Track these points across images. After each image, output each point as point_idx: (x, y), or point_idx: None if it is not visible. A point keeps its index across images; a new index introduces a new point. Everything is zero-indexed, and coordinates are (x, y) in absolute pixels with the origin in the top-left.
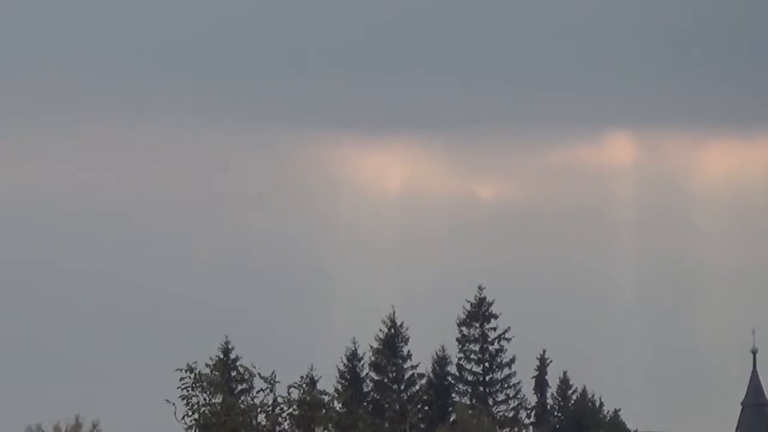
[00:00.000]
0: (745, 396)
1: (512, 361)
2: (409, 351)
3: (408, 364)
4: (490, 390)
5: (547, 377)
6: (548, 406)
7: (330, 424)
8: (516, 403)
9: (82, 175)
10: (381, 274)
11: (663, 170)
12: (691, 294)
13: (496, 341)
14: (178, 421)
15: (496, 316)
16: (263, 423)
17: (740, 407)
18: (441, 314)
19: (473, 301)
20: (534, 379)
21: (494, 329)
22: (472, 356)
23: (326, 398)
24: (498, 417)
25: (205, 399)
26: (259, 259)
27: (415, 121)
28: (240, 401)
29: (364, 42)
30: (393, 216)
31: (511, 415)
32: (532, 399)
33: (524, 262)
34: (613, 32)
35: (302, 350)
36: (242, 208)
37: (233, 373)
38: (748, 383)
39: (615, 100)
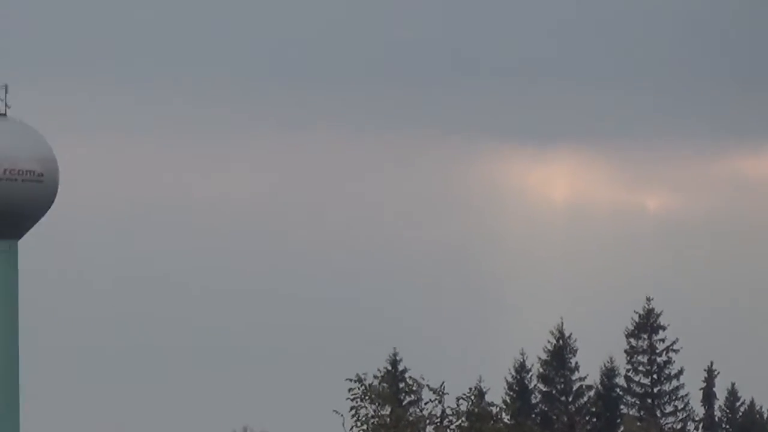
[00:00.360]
0: None
1: (680, 372)
2: (577, 362)
3: (576, 375)
4: (658, 402)
5: (715, 389)
6: (716, 418)
7: None
8: (684, 415)
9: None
10: (549, 285)
11: None
12: None
13: (664, 353)
14: None
15: (664, 328)
16: None
17: None
18: (609, 325)
19: (641, 312)
20: (702, 390)
21: (662, 341)
22: (640, 368)
23: (494, 410)
24: (666, 429)
25: (373, 410)
26: (428, 271)
27: (580, 131)
28: (408, 413)
29: (536, 51)
30: (559, 227)
31: (679, 427)
32: (700, 411)
33: (691, 273)
34: None
35: (471, 362)
36: (414, 220)
37: (401, 385)
38: None
39: None
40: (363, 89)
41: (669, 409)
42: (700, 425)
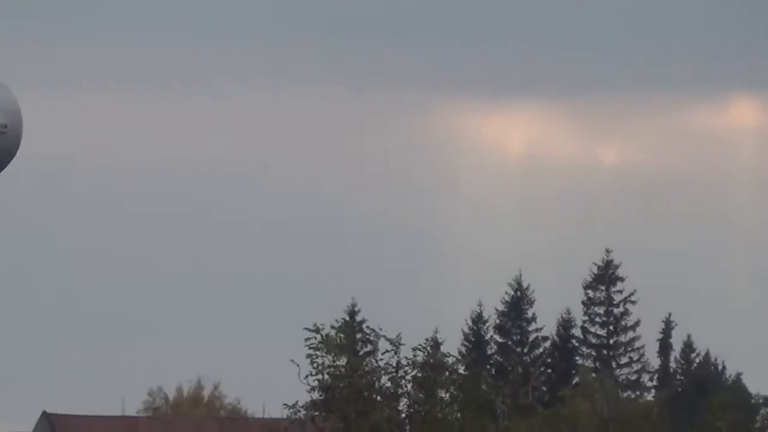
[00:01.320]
0: None
1: (636, 324)
2: (534, 314)
3: (533, 326)
4: (613, 353)
5: (671, 341)
6: (671, 370)
7: (452, 387)
8: (639, 366)
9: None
10: (507, 237)
11: None
12: None
13: (621, 304)
14: (301, 381)
15: (622, 279)
16: (387, 385)
17: None
18: (566, 277)
19: (600, 263)
20: (658, 342)
21: (620, 292)
22: (597, 319)
23: (450, 360)
24: (621, 380)
25: (329, 360)
26: (387, 222)
27: (536, 85)
28: (364, 363)
29: (488, 7)
30: (517, 180)
31: (634, 378)
32: (656, 362)
33: (649, 225)
34: None
35: (428, 313)
36: (370, 172)
37: (358, 335)
38: None
39: (739, 63)
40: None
41: (624, 360)
42: (655, 376)
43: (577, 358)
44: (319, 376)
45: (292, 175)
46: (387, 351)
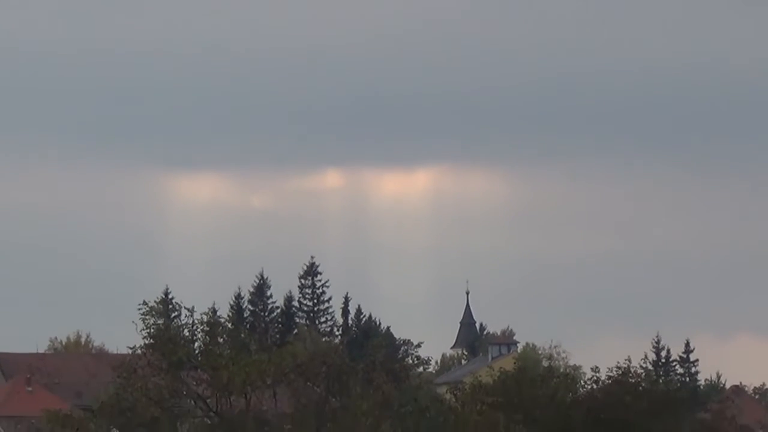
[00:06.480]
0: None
1: (330, 299)
2: (271, 293)
3: (270, 301)
4: (316, 316)
5: (349, 308)
6: (349, 324)
7: (225, 334)
8: (332, 322)
9: None
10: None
11: None
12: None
13: (322, 287)
14: (138, 333)
15: (321, 273)
16: (186, 334)
17: (459, 325)
18: (287, 271)
19: (307, 264)
20: (341, 309)
21: (320, 281)
22: (308, 296)
23: (222, 320)
24: (321, 331)
25: (153, 323)
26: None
27: None
28: (172, 324)
29: None
30: None
31: (329, 330)
32: (340, 320)
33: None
34: None
35: (212, 293)
36: None
37: (170, 306)
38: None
39: None
40: None
41: (324, 320)
42: (341, 329)
43: (297, 319)
44: (149, 330)
45: None
46: (186, 317)
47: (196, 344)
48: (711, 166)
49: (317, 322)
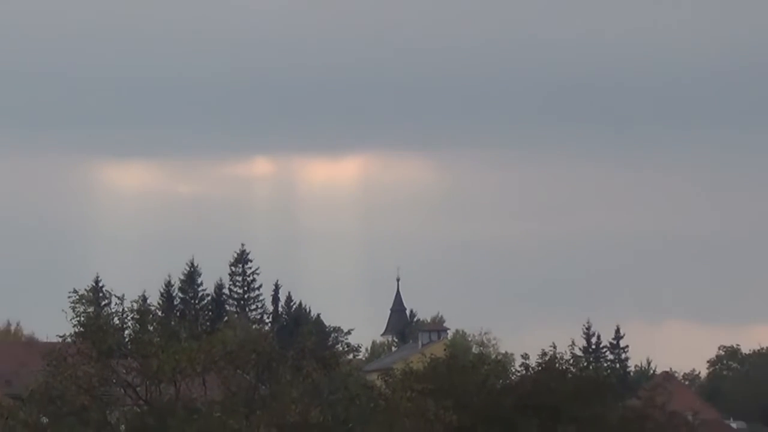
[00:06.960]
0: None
1: (260, 286)
2: (202, 281)
3: (200, 289)
4: (246, 304)
5: (279, 295)
6: (279, 312)
7: (155, 323)
8: (262, 310)
9: None
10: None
11: None
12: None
13: (252, 275)
14: (68, 321)
15: (252, 260)
16: (116, 322)
17: (389, 312)
18: (218, 260)
19: (238, 251)
20: (272, 296)
21: (251, 268)
22: (238, 283)
23: (152, 308)
24: (251, 318)
25: (83, 311)
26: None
27: None
28: (104, 310)
29: None
30: None
31: (259, 317)
32: (270, 307)
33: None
34: None
35: (148, 278)
36: None
37: (101, 295)
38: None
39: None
40: None
41: (254, 307)
42: (271, 316)
43: (227, 306)
44: (78, 318)
45: None
46: (116, 304)
47: (126, 332)
48: (631, 148)
49: (247, 309)
